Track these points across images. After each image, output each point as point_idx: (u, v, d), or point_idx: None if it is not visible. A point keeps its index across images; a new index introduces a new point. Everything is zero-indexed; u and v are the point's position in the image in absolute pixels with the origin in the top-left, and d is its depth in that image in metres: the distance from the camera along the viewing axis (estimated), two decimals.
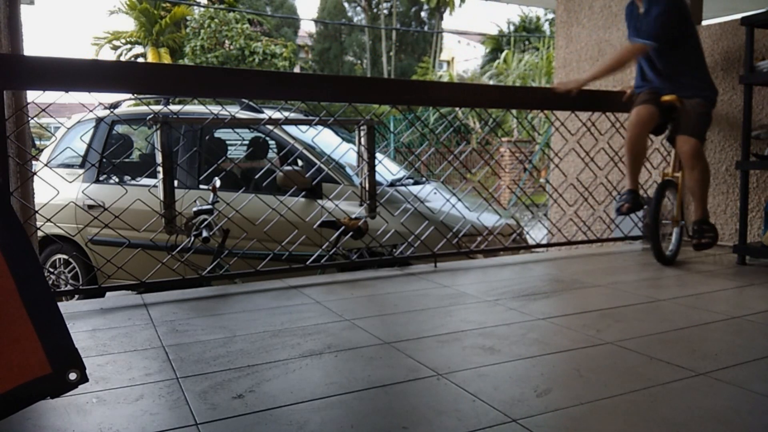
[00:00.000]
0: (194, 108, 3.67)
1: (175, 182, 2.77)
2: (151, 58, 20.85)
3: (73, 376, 1.27)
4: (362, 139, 3.06)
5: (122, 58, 21.57)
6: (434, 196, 3.61)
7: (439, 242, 3.21)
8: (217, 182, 3.04)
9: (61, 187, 2.96)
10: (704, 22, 3.93)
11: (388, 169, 3.98)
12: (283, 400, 1.42)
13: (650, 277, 2.83)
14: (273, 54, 19.43)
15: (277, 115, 3.69)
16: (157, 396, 1.45)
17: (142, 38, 21.74)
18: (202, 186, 3.92)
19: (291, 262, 2.95)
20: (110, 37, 22.14)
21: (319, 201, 3.55)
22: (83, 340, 1.88)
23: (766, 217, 3.28)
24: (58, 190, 2.75)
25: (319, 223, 3.03)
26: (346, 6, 29.14)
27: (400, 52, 28.65)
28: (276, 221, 3.02)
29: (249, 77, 2.79)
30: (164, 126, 2.62)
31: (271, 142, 4.25)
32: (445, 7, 27.60)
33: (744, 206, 3.13)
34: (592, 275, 2.84)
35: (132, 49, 22.38)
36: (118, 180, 4.16)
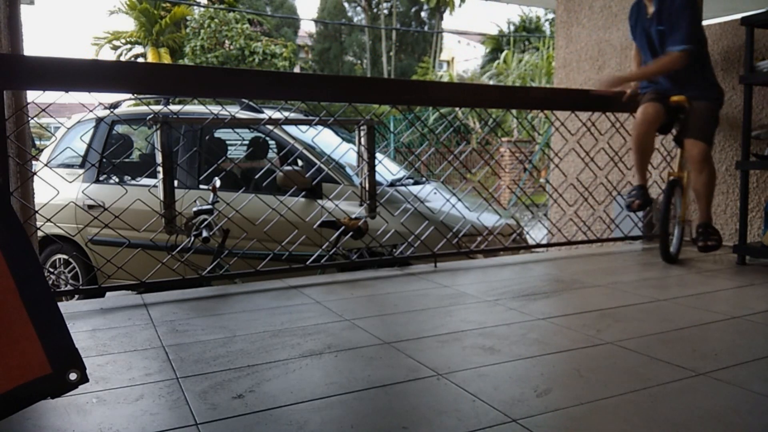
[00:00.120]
0: (194, 108, 3.67)
1: (175, 182, 2.77)
2: (151, 58, 20.85)
3: (73, 376, 1.27)
4: (362, 139, 3.06)
5: (122, 58, 21.58)
6: (434, 196, 3.61)
7: (439, 242, 3.21)
8: (217, 182, 3.04)
9: (61, 187, 2.96)
10: (704, 22, 3.91)
11: (388, 169, 3.98)
12: (283, 400, 1.42)
13: (650, 277, 2.83)
14: (273, 54, 19.44)
15: (277, 115, 3.69)
16: (157, 396, 1.45)
17: (142, 38, 21.75)
18: (202, 186, 3.92)
19: (291, 262, 2.95)
20: (110, 37, 22.15)
21: (319, 201, 3.55)
22: (83, 340, 1.88)
23: (766, 217, 3.28)
24: (58, 190, 2.75)
25: (319, 223, 3.03)
26: (346, 6, 29.14)
27: (400, 52, 28.65)
28: (276, 221, 3.02)
29: (249, 77, 2.79)
30: (164, 126, 2.62)
31: (271, 142, 4.25)
32: (445, 7, 27.60)
33: (744, 206, 3.14)
34: (592, 275, 2.85)
35: (132, 49, 22.39)
36: (118, 180, 4.16)
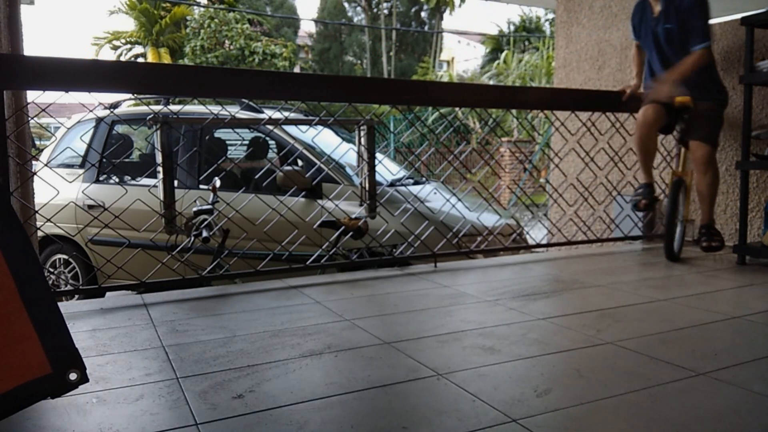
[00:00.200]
0: (194, 108, 3.67)
1: (175, 182, 2.77)
2: (151, 58, 20.85)
3: (73, 376, 1.27)
4: (362, 139, 3.06)
5: (122, 58, 21.57)
6: (434, 196, 3.61)
7: (439, 242, 3.21)
8: (217, 182, 3.04)
9: (61, 187, 2.96)
10: None
11: (388, 169, 3.98)
12: (283, 400, 1.42)
13: (650, 277, 2.83)
14: (273, 54, 19.43)
15: (277, 115, 3.69)
16: (157, 396, 1.45)
17: (142, 38, 21.74)
18: (202, 186, 3.92)
19: (291, 262, 2.95)
20: (110, 37, 22.14)
21: (319, 201, 3.55)
22: (83, 340, 1.88)
23: (766, 217, 3.28)
24: (58, 190, 2.75)
25: (319, 223, 3.03)
26: (346, 6, 29.14)
27: (400, 52, 28.64)
28: (276, 221, 3.02)
29: (249, 77, 2.79)
30: (164, 126, 2.62)
31: (271, 142, 4.25)
32: (445, 7, 27.60)
33: (744, 206, 3.14)
34: (592, 275, 2.85)
35: (132, 49, 22.38)
36: (118, 180, 4.16)
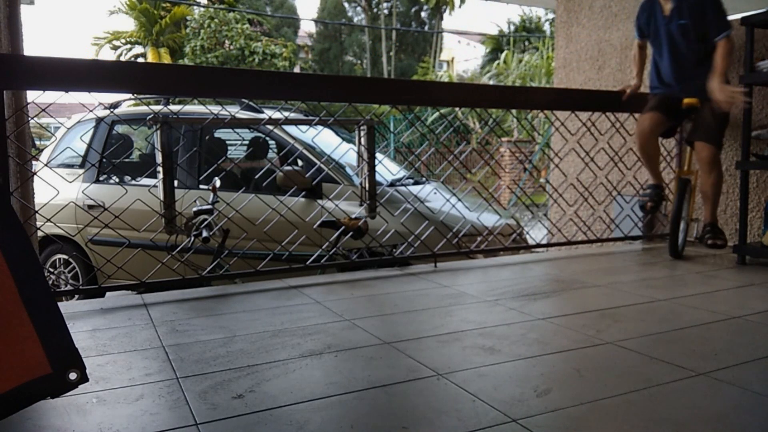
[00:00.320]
0: (194, 108, 3.67)
1: (175, 182, 2.77)
2: (151, 58, 20.85)
3: (73, 375, 1.27)
4: (362, 139, 3.06)
5: (122, 58, 21.56)
6: (434, 196, 3.61)
7: (439, 242, 3.21)
8: (217, 182, 3.04)
9: (61, 187, 2.96)
10: None
11: (388, 169, 3.98)
12: (283, 400, 1.42)
13: (650, 277, 2.83)
14: (273, 54, 19.42)
15: (277, 115, 3.69)
16: (157, 396, 1.45)
17: (142, 38, 21.74)
18: (202, 186, 3.92)
19: (291, 262, 2.95)
20: (110, 37, 22.14)
21: (319, 201, 3.55)
22: (83, 340, 1.88)
23: (766, 217, 3.28)
24: (58, 190, 2.75)
25: (319, 223, 3.03)
26: (346, 6, 29.13)
27: (400, 52, 28.64)
28: (276, 221, 3.02)
29: (249, 77, 2.79)
30: (164, 126, 2.62)
31: (271, 142, 4.25)
32: (445, 7, 27.59)
33: (744, 206, 3.14)
34: (592, 275, 2.85)
35: (132, 49, 22.38)
36: (118, 180, 4.16)
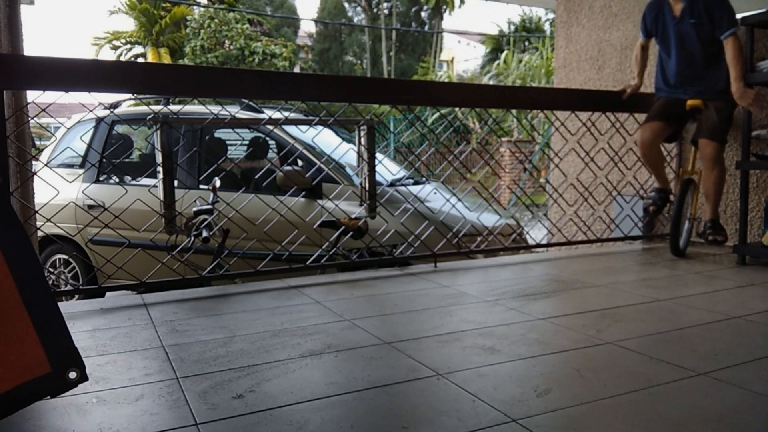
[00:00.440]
0: (194, 108, 3.67)
1: (175, 182, 2.77)
2: (151, 58, 20.84)
3: (73, 375, 1.27)
4: (362, 139, 3.06)
5: (122, 58, 21.55)
6: (434, 196, 3.61)
7: (439, 242, 3.21)
8: (217, 182, 3.04)
9: (61, 187, 2.96)
10: None
11: (388, 169, 3.98)
12: (283, 400, 1.42)
13: (650, 277, 2.83)
14: (273, 54, 19.42)
15: (277, 115, 3.69)
16: (157, 396, 1.45)
17: (142, 38, 21.73)
18: (202, 186, 3.92)
19: (291, 262, 2.95)
20: (110, 37, 22.13)
21: (319, 201, 3.55)
22: (83, 340, 1.88)
23: (766, 217, 3.28)
24: (58, 190, 2.75)
25: (319, 223, 3.03)
26: (346, 6, 29.12)
27: (400, 52, 28.63)
28: (276, 221, 3.02)
29: (249, 77, 2.78)
30: (164, 126, 2.62)
31: (271, 142, 4.25)
32: (445, 7, 27.59)
33: (744, 206, 3.14)
34: (592, 275, 2.85)
35: (132, 49, 22.37)
36: (118, 180, 4.16)
